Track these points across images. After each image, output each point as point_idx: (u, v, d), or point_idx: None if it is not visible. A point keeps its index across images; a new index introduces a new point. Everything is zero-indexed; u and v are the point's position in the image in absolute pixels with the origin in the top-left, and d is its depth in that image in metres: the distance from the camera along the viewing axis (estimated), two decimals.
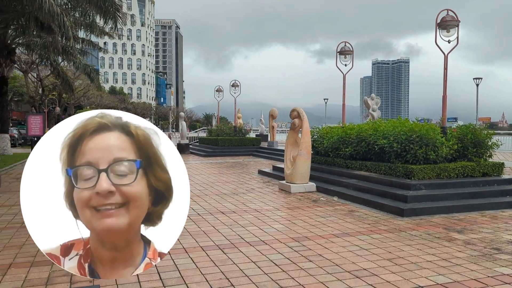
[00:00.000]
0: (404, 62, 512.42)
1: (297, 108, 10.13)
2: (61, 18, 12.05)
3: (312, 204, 8.37)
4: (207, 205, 8.29)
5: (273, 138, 22.97)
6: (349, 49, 12.71)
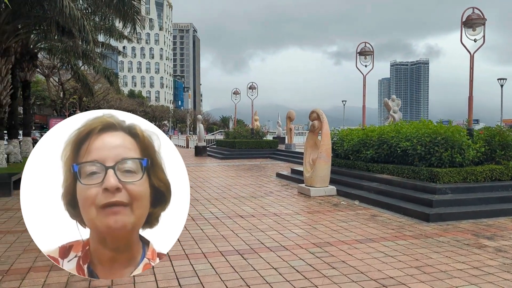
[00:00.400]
0: (423, 64, 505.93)
1: (316, 109, 9.94)
2: (81, 22, 12.15)
3: (332, 208, 8.17)
4: (226, 208, 8.18)
5: (290, 140, 22.78)
6: (370, 50, 12.47)
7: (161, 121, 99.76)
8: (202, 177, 13.62)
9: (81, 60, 22.48)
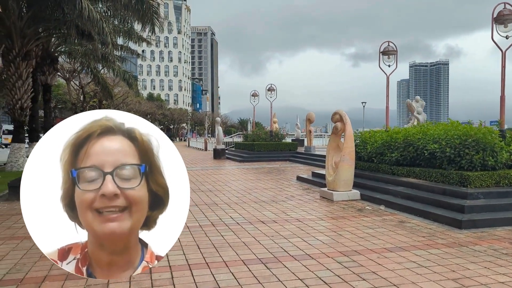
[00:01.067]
0: (443, 64, 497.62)
1: (339, 111, 9.63)
2: (100, 24, 12.13)
3: (357, 213, 7.84)
4: (246, 213, 7.93)
5: (310, 143, 22.42)
6: (393, 49, 12.08)
7: (180, 124, 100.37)
8: (221, 180, 13.42)
9: (101, 63, 22.66)
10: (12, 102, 16.72)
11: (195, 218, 7.49)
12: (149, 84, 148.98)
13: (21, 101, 16.75)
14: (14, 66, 16.32)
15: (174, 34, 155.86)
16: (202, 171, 16.81)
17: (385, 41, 12.09)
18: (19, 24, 15.94)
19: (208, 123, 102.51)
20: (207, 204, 8.93)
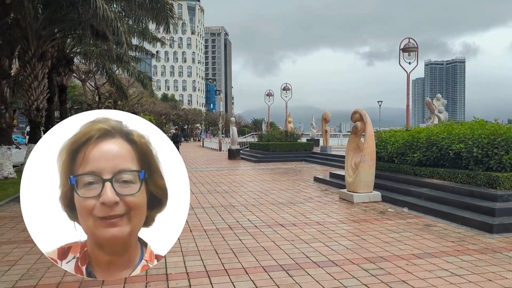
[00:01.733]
0: (459, 62, 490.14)
1: (359, 109, 9.32)
2: (114, 23, 12.03)
3: (380, 216, 7.53)
4: (264, 216, 7.69)
5: (326, 142, 22.08)
6: (414, 46, 11.70)
7: (194, 124, 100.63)
8: (236, 181, 13.20)
9: (115, 64, 22.65)
10: (28, 103, 16.77)
11: (212, 220, 7.28)
12: (163, 85, 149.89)
13: (37, 102, 16.77)
14: (30, 67, 16.35)
15: (188, 34, 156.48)
16: (217, 171, 16.63)
17: (405, 38, 11.73)
18: (34, 25, 15.97)
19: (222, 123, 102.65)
20: (224, 206, 8.72)
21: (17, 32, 15.90)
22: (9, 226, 6.88)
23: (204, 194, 10.54)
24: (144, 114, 70.03)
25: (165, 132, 51.45)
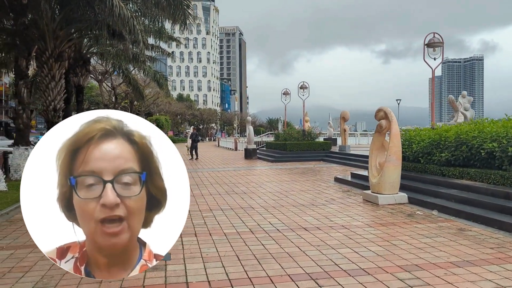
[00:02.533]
0: (477, 60, 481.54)
1: (384, 108, 8.92)
2: (131, 22, 11.86)
3: (408, 219, 7.14)
4: (286, 218, 7.37)
5: (345, 142, 21.62)
6: (439, 41, 11.23)
7: (209, 124, 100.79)
8: (254, 181, 12.90)
9: (132, 64, 22.60)
10: (45, 104, 16.76)
11: (231, 223, 6.99)
12: (179, 85, 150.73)
13: (54, 102, 16.75)
14: (47, 68, 16.34)
15: (203, 35, 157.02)
16: (234, 171, 16.36)
17: (430, 33, 11.27)
18: (51, 26, 15.95)
19: (237, 123, 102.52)
20: (243, 208, 8.43)
21: (34, 32, 15.91)
22: (25, 229, 6.69)
23: (222, 195, 10.27)
24: (160, 114, 70.33)
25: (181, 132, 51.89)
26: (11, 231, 6.64)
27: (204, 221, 7.24)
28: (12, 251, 5.51)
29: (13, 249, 5.60)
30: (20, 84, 14.00)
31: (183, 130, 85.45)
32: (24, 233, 6.44)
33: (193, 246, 5.61)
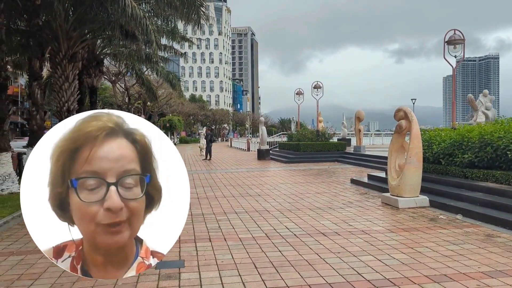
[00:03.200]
0: (493, 59, 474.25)
1: (403, 107, 8.61)
2: (143, 21, 11.72)
3: (431, 224, 6.82)
4: (302, 223, 7.12)
5: (359, 142, 21.23)
6: (460, 38, 10.84)
7: (221, 124, 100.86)
8: (268, 183, 12.66)
9: (144, 64, 22.56)
10: (59, 105, 16.73)
11: (246, 228, 6.77)
12: (191, 86, 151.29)
13: (68, 103, 16.71)
14: (61, 69, 16.30)
15: (215, 35, 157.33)
16: (248, 173, 16.14)
17: (450, 29, 10.88)
18: (65, 27, 15.93)
19: (249, 123, 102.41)
20: (258, 211, 8.20)
21: (47, 33, 15.92)
22: None
23: (236, 197, 10.05)
24: (172, 115, 70.55)
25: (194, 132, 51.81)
26: (22, 234, 6.51)
27: (218, 225, 7.03)
28: (22, 256, 5.37)
29: (24, 254, 5.45)
30: (33, 85, 13.98)
31: (196, 130, 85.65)
32: None
33: (208, 252, 5.40)
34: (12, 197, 9.74)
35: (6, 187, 10.35)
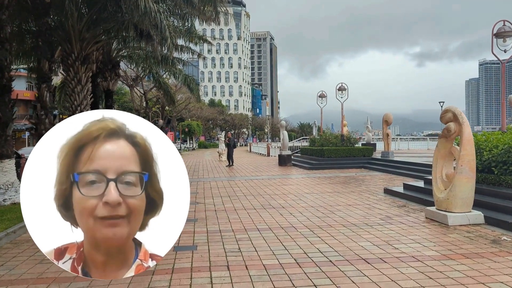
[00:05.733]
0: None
1: (452, 108, 7.43)
2: (158, 16, 10.87)
3: (496, 248, 5.62)
4: (337, 244, 6.01)
5: (388, 147, 19.91)
6: (510, 30, 9.57)
7: (240, 129, 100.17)
8: (293, 193, 11.57)
9: (161, 65, 21.83)
10: (71, 108, 16.04)
11: (271, 250, 5.70)
12: (210, 90, 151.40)
13: (81, 107, 16.01)
14: (73, 71, 15.65)
15: (234, 40, 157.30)
16: (269, 180, 15.08)
17: (499, 21, 9.62)
18: (77, 27, 15.27)
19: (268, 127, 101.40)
20: (284, 228, 7.12)
21: (60, 34, 15.28)
22: (29, 254, 5.68)
23: (258, 209, 9.01)
24: (191, 120, 70.13)
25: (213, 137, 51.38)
26: (10, 257, 5.61)
27: (238, 246, 5.99)
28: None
29: (4, 285, 4.51)
30: (42, 88, 13.30)
31: (215, 135, 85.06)
32: (26, 260, 5.39)
33: (226, 285, 4.35)
34: (13, 208, 8.92)
35: (9, 197, 9.56)
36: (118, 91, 54.89)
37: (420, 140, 45.05)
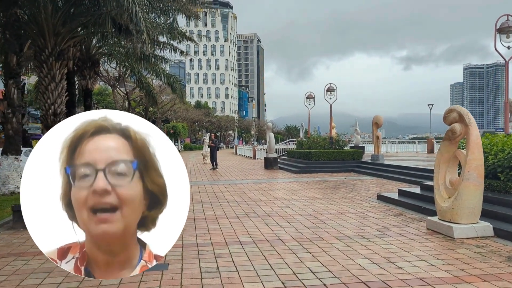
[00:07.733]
0: (501, 66, 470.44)
1: (457, 107, 6.72)
2: (133, 8, 9.98)
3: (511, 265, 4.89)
4: (331, 261, 5.20)
5: (378, 150, 19.24)
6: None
7: (226, 131, 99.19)
8: (279, 199, 10.75)
9: (142, 64, 20.88)
10: (44, 107, 14.98)
11: (255, 271, 4.86)
12: (197, 92, 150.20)
13: (54, 106, 14.95)
14: (46, 67, 14.60)
15: (221, 42, 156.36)
16: (254, 185, 14.25)
17: (502, 15, 8.98)
18: (52, 21, 14.26)
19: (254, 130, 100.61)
20: (270, 241, 6.29)
21: (32, 27, 14.25)
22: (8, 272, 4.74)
23: (241, 218, 8.17)
24: (177, 121, 68.95)
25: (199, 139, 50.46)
26: None
27: (216, 264, 5.14)
28: None
29: None
30: (9, 84, 12.27)
31: (200, 137, 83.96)
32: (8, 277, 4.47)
33: None
34: None
35: None
36: (102, 91, 53.53)
37: (409, 143, 44.70)
